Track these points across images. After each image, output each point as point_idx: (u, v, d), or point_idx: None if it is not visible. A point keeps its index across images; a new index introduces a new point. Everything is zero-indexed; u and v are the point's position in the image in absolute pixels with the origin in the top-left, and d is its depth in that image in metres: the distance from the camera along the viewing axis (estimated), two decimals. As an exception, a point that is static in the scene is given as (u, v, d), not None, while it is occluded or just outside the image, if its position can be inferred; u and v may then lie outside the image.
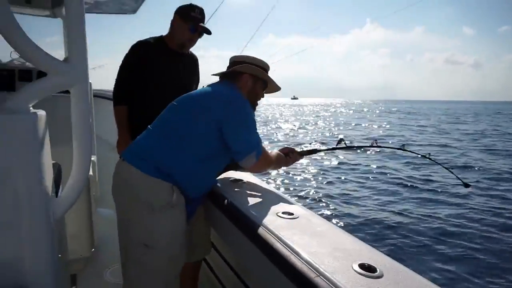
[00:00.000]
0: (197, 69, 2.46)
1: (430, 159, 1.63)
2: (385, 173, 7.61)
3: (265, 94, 1.87)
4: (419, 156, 1.69)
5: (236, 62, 1.80)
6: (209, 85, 1.78)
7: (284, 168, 2.02)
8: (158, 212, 1.49)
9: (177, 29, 2.18)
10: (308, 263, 1.03)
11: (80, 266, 2.28)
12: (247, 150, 1.61)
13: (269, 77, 1.82)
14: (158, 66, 2.22)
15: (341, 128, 25.07)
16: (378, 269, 1.00)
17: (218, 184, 1.77)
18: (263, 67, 1.81)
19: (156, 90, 2.20)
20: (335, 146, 1.85)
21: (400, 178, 6.79)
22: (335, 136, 16.45)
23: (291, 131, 23.06)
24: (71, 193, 1.11)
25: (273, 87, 1.90)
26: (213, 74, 1.87)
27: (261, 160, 1.65)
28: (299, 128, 25.88)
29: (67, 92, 1.07)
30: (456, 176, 1.67)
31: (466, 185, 1.84)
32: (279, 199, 1.64)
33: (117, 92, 2.27)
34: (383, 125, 28.33)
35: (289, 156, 1.88)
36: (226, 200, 1.60)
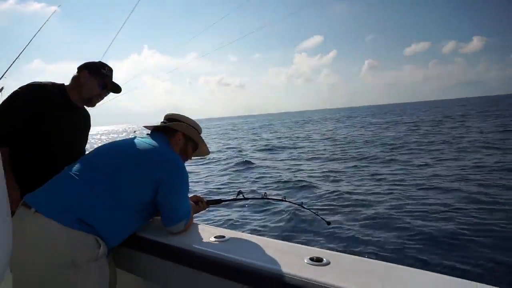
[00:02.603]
0: (89, 125, 2.38)
1: (303, 207, 2.08)
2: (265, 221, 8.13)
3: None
4: (295, 204, 2.24)
5: (171, 119, 1.79)
6: (144, 138, 1.70)
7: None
8: (82, 269, 1.34)
9: (85, 84, 2.11)
10: (270, 270, 1.14)
11: None
12: (179, 218, 1.58)
13: (201, 138, 1.83)
14: (57, 116, 2.05)
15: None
16: (325, 259, 1.17)
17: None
18: (196, 128, 1.81)
19: (48, 139, 2.02)
20: (235, 198, 2.04)
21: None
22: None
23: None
24: None
25: (203, 150, 1.91)
26: (145, 126, 1.85)
27: (187, 225, 1.63)
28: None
29: None
30: (321, 217, 2.05)
31: (328, 223, 2.19)
32: (201, 228, 1.66)
33: None
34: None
35: (198, 205, 1.91)
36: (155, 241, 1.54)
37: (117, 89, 2.22)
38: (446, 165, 10.91)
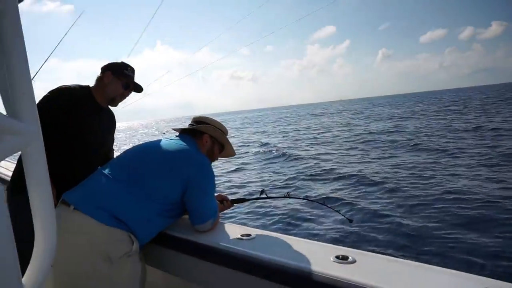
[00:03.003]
0: (115, 124, 2.44)
1: (325, 205, 2.07)
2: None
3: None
4: (318, 203, 2.25)
5: (199, 122, 1.88)
6: (172, 140, 1.78)
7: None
8: (117, 264, 1.41)
9: (109, 85, 2.17)
10: (296, 267, 1.15)
11: None
12: (207, 217, 1.63)
13: (227, 140, 1.89)
14: (87, 117, 2.13)
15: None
16: (350, 257, 1.19)
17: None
18: (222, 131, 1.88)
19: (79, 140, 2.09)
20: (258, 197, 2.11)
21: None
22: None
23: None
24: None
25: (229, 151, 1.97)
26: (174, 129, 1.94)
27: (214, 223, 1.68)
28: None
29: None
30: (343, 215, 2.11)
31: (350, 221, 2.24)
32: (228, 226, 1.69)
33: None
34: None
35: (223, 204, 1.98)
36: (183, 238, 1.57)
37: (138, 89, 2.29)
38: (473, 153, 10.65)
